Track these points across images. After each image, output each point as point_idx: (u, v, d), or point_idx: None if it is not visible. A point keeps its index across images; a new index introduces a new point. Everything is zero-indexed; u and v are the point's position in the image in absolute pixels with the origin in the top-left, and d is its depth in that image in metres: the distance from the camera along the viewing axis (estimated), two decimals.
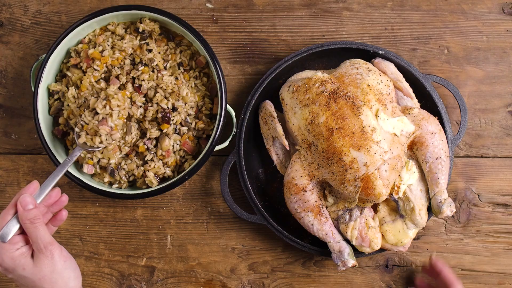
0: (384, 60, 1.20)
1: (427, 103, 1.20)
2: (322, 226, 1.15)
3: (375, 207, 1.17)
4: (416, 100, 1.20)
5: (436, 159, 1.13)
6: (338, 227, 1.16)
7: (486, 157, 1.26)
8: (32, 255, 0.97)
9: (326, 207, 1.16)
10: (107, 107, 1.13)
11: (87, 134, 1.14)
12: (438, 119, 1.17)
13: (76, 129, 1.14)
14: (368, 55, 1.21)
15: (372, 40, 1.27)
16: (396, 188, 1.13)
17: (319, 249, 1.19)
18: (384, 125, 1.10)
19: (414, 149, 1.14)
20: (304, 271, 1.26)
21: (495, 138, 1.26)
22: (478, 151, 1.26)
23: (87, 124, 1.14)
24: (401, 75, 1.19)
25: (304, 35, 1.28)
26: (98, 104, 1.13)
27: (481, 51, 1.27)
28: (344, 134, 1.09)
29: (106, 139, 1.14)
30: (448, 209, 1.11)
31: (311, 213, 1.14)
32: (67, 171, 1.18)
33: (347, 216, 1.15)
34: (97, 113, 1.14)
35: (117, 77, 1.19)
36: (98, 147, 1.15)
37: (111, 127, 1.13)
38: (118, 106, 1.14)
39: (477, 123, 1.26)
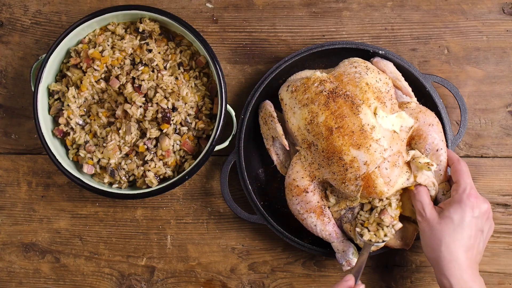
0: (383, 59, 1.20)
1: (427, 103, 1.20)
2: (325, 227, 1.15)
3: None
4: (416, 99, 1.19)
5: (437, 150, 1.12)
6: (341, 227, 1.16)
7: (486, 157, 1.26)
8: None
9: (328, 207, 1.16)
10: (384, 199, 1.12)
11: (369, 230, 1.12)
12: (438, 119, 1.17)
13: (357, 229, 1.13)
14: (368, 55, 1.21)
15: (372, 40, 1.27)
16: (430, 164, 1.10)
17: (319, 249, 1.19)
18: (383, 122, 1.10)
19: (413, 143, 1.14)
20: (304, 271, 1.26)
21: (495, 138, 1.26)
22: (478, 151, 1.26)
23: (367, 220, 1.13)
24: (400, 74, 1.19)
25: (304, 35, 1.28)
26: (375, 201, 1.12)
27: (481, 51, 1.27)
28: (343, 133, 1.09)
29: (389, 231, 1.12)
30: None
31: (314, 214, 1.14)
32: (67, 171, 1.18)
33: (350, 215, 1.15)
34: (372, 208, 1.14)
35: (117, 77, 1.19)
36: (383, 241, 1.13)
37: (391, 216, 1.12)
38: (394, 196, 1.13)
39: (477, 123, 1.26)
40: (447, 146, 1.18)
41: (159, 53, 1.22)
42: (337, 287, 1.03)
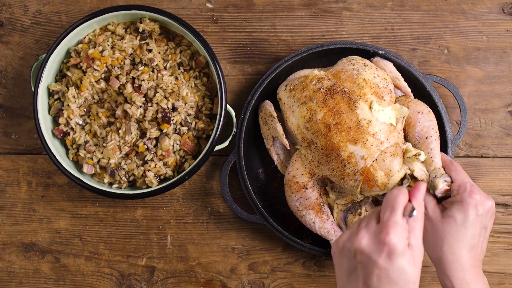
0: (383, 59, 1.20)
1: (427, 103, 1.20)
2: (323, 224, 1.14)
3: (376, 202, 1.17)
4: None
5: (426, 138, 1.11)
6: (345, 218, 1.15)
7: (486, 157, 1.26)
8: None
9: (329, 205, 1.16)
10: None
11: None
12: (438, 119, 1.16)
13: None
14: (368, 55, 1.21)
15: (372, 40, 1.27)
16: (417, 154, 1.08)
17: (319, 249, 1.19)
18: (379, 116, 1.10)
19: (406, 134, 1.13)
20: (304, 271, 1.26)
21: (495, 138, 1.26)
22: (478, 151, 1.26)
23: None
24: (400, 74, 1.19)
25: (304, 35, 1.28)
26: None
27: (481, 51, 1.27)
28: (341, 129, 1.09)
29: None
30: (445, 183, 1.06)
31: (312, 211, 1.14)
32: (67, 171, 1.18)
33: (356, 207, 1.14)
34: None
35: (117, 77, 1.19)
36: None
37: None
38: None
39: (477, 123, 1.26)
40: (446, 146, 1.18)
41: (159, 53, 1.22)
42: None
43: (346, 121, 1.09)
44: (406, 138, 1.13)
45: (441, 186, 1.05)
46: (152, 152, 1.20)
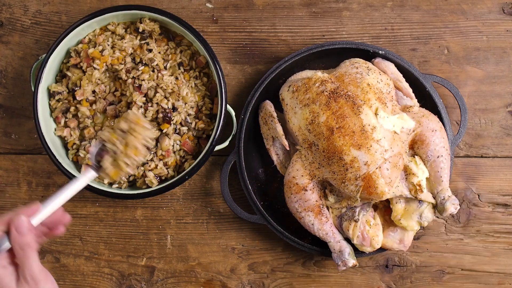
0: (384, 60, 1.20)
1: (427, 103, 1.20)
2: (322, 226, 1.15)
3: (376, 206, 1.17)
4: (416, 100, 1.20)
5: (438, 157, 1.12)
6: (341, 225, 1.16)
7: (486, 157, 1.26)
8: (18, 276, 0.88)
9: (327, 207, 1.16)
10: None
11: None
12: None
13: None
14: (368, 55, 1.21)
15: (372, 40, 1.27)
16: (418, 187, 1.12)
17: (319, 249, 1.19)
18: (384, 123, 1.10)
19: (415, 147, 1.14)
20: (304, 271, 1.26)
21: (495, 138, 1.26)
22: (478, 151, 1.26)
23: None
24: (401, 75, 1.19)
25: (304, 35, 1.28)
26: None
27: (481, 51, 1.27)
28: (344, 133, 1.09)
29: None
30: (452, 206, 1.10)
31: (312, 212, 1.14)
32: (67, 171, 1.18)
33: (351, 213, 1.14)
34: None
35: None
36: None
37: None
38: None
39: (477, 123, 1.26)
40: (448, 143, 1.19)
41: (159, 53, 1.22)
42: None
43: (349, 125, 1.09)
44: (414, 150, 1.14)
45: (451, 210, 1.11)
46: (152, 152, 1.20)
